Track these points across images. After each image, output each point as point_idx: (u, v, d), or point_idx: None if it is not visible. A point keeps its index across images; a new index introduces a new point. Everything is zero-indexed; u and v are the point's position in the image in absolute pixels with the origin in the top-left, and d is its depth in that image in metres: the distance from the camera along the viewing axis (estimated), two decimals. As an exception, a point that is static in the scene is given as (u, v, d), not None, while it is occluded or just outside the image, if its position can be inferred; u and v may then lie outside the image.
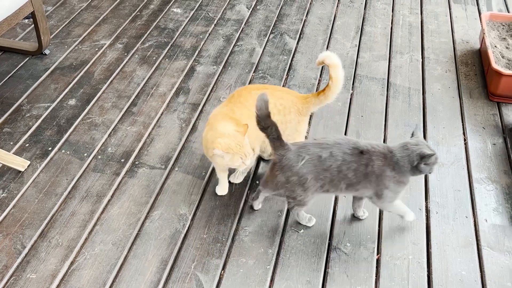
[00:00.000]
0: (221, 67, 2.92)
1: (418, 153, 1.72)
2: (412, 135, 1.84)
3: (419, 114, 2.59)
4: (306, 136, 2.09)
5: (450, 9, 3.51)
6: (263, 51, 3.06)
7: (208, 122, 1.97)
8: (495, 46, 2.81)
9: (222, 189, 2.12)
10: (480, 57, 3.01)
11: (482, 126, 2.51)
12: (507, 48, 2.83)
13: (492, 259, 1.90)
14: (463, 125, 2.52)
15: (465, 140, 2.43)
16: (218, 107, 2.04)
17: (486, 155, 2.34)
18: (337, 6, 3.53)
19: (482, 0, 3.61)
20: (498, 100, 2.65)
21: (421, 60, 3.00)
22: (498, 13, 3.09)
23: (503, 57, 2.74)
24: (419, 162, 1.72)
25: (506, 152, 2.37)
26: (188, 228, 2.00)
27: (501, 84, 2.57)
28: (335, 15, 3.43)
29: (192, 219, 2.03)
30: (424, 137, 2.44)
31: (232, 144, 1.79)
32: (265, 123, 1.72)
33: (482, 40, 2.95)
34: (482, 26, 2.93)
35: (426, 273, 1.86)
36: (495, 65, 2.58)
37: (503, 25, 3.03)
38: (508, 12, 3.48)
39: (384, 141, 2.42)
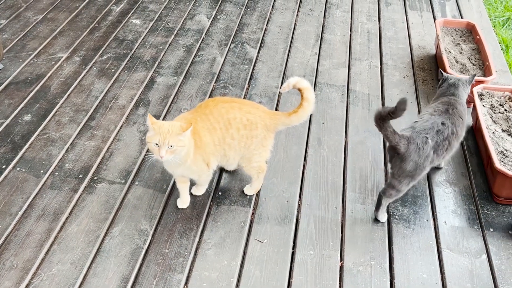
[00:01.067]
0: (181, 77, 2.89)
1: (467, 81, 2.18)
2: (444, 79, 2.23)
3: (379, 119, 2.62)
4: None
5: (406, 15, 3.59)
6: (224, 60, 3.05)
7: None
8: (450, 51, 2.89)
9: (182, 202, 2.09)
10: (436, 62, 3.08)
11: (439, 129, 2.56)
12: (460, 53, 2.91)
13: (451, 261, 1.94)
14: (421, 129, 2.56)
15: (423, 144, 2.47)
16: (185, 113, 2.02)
17: (444, 158, 2.39)
18: (297, 15, 3.56)
19: (436, 7, 3.70)
20: (454, 104, 2.71)
21: (379, 66, 3.05)
22: (451, 19, 3.18)
23: (457, 62, 2.81)
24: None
25: (463, 154, 2.42)
26: (149, 243, 1.96)
27: (456, 88, 2.63)
28: (295, 23, 3.46)
29: (153, 234, 1.99)
30: (384, 142, 2.48)
31: (163, 127, 1.76)
32: (382, 121, 1.87)
33: (437, 46, 3.02)
34: (437, 32, 3.01)
35: (388, 277, 1.88)
36: (449, 70, 2.65)
37: (457, 31, 3.12)
38: (462, 18, 3.58)
39: (345, 147, 2.44)
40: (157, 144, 1.76)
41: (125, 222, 2.03)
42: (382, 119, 1.86)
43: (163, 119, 2.58)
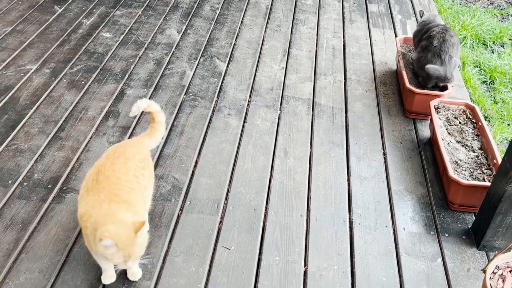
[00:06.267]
0: (151, 90, 2.95)
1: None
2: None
3: (342, 131, 2.74)
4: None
5: (369, 32, 3.75)
6: (193, 74, 3.12)
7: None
8: (410, 67, 3.04)
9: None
10: (397, 77, 3.23)
11: (399, 141, 2.69)
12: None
13: (409, 265, 2.04)
14: (382, 141, 2.69)
15: (384, 155, 2.60)
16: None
17: (403, 168, 2.51)
18: (265, 31, 3.68)
19: (398, 25, 3.88)
20: (413, 117, 2.86)
21: (343, 81, 3.18)
22: (411, 37, 3.33)
23: (416, 77, 2.96)
24: None
25: (421, 164, 2.55)
26: (118, 251, 1.99)
27: (415, 101, 2.78)
28: (263, 39, 3.57)
29: (123, 242, 2.03)
30: (347, 153, 2.59)
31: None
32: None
33: (398, 62, 3.17)
34: (397, 48, 3.16)
35: (350, 281, 1.96)
36: (409, 85, 2.79)
37: (416, 48, 3.27)
38: (422, 35, 3.76)
39: (310, 158, 2.54)
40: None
41: (94, 231, 2.06)
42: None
43: (132, 130, 2.62)
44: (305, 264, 2.01)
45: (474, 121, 2.60)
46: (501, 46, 4.18)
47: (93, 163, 2.36)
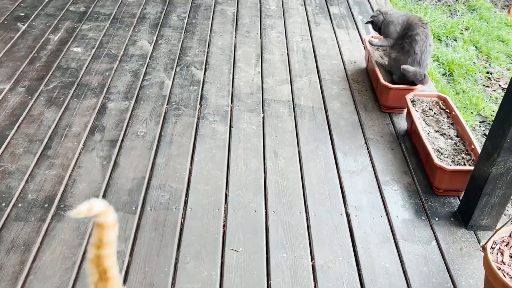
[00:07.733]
0: (133, 102, 2.94)
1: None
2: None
3: (325, 129, 2.84)
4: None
5: (335, 34, 3.90)
6: (172, 83, 3.14)
7: None
8: (380, 65, 3.19)
9: None
10: (367, 74, 3.39)
11: (380, 134, 2.83)
12: (389, 65, 3.22)
13: (408, 249, 2.16)
14: (364, 135, 2.82)
15: (368, 148, 2.73)
16: None
17: (387, 160, 2.65)
18: (235, 37, 3.74)
19: (360, 25, 4.06)
20: (389, 111, 3.01)
21: (318, 81, 3.29)
22: (379, 36, 3.50)
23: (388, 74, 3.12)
24: None
25: (402, 155, 2.69)
26: (128, 264, 2.00)
27: (390, 96, 2.93)
28: (235, 45, 3.63)
29: (131, 255, 2.03)
30: (333, 149, 2.69)
31: None
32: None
33: (368, 60, 3.32)
34: (367, 48, 3.31)
35: (356, 270, 2.06)
36: (383, 81, 2.94)
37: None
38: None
39: (299, 157, 2.62)
40: None
41: (100, 246, 2.05)
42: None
43: (121, 143, 2.61)
44: (312, 258, 2.09)
45: (448, 111, 2.77)
46: (453, 40, 4.45)
47: (86, 179, 2.36)
